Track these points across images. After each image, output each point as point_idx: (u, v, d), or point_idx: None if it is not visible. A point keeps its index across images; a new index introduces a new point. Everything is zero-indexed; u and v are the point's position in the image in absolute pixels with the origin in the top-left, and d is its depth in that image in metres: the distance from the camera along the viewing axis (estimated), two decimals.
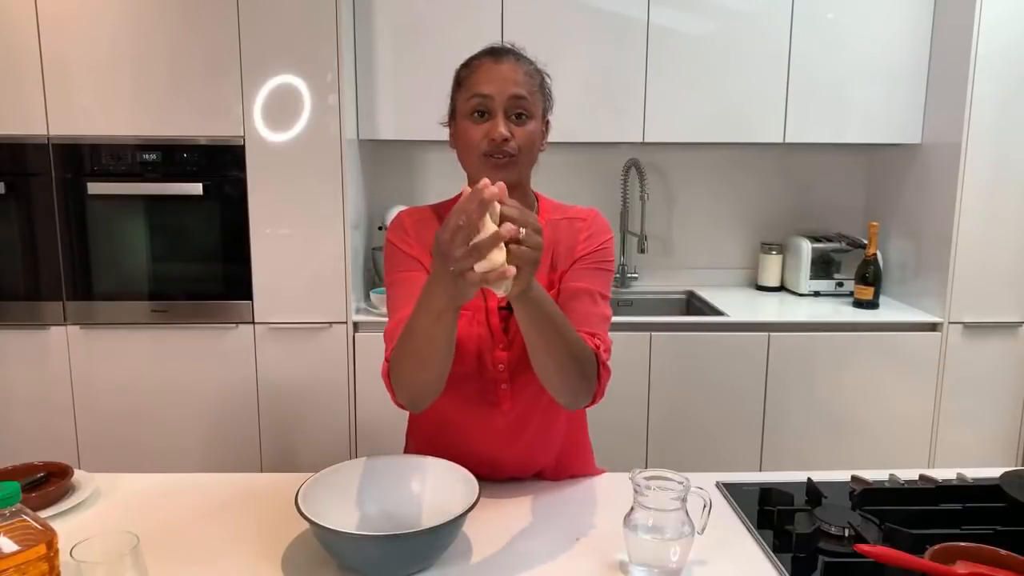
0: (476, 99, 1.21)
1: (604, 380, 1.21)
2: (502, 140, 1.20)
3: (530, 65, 1.26)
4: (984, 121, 2.50)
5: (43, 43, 2.36)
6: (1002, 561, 0.96)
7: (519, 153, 1.22)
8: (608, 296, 1.30)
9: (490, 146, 1.21)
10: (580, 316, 1.23)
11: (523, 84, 1.22)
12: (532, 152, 1.25)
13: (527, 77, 1.23)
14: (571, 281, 1.27)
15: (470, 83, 1.23)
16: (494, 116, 1.21)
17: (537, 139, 1.25)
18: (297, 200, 2.45)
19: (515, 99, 1.21)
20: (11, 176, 2.43)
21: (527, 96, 1.22)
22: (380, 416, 2.53)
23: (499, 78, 1.21)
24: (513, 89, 1.20)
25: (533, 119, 1.23)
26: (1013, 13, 2.45)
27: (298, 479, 1.14)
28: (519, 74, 1.22)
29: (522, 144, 1.22)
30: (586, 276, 1.28)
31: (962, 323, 2.60)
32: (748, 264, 3.15)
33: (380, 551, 1.02)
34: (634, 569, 1.05)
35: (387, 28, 2.61)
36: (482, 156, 1.22)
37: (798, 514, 1.19)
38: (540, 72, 1.28)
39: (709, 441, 2.63)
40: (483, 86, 1.21)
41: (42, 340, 2.50)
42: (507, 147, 1.21)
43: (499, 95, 1.20)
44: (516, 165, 1.23)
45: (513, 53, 1.26)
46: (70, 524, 1.18)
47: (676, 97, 2.70)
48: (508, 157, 1.21)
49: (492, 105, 1.21)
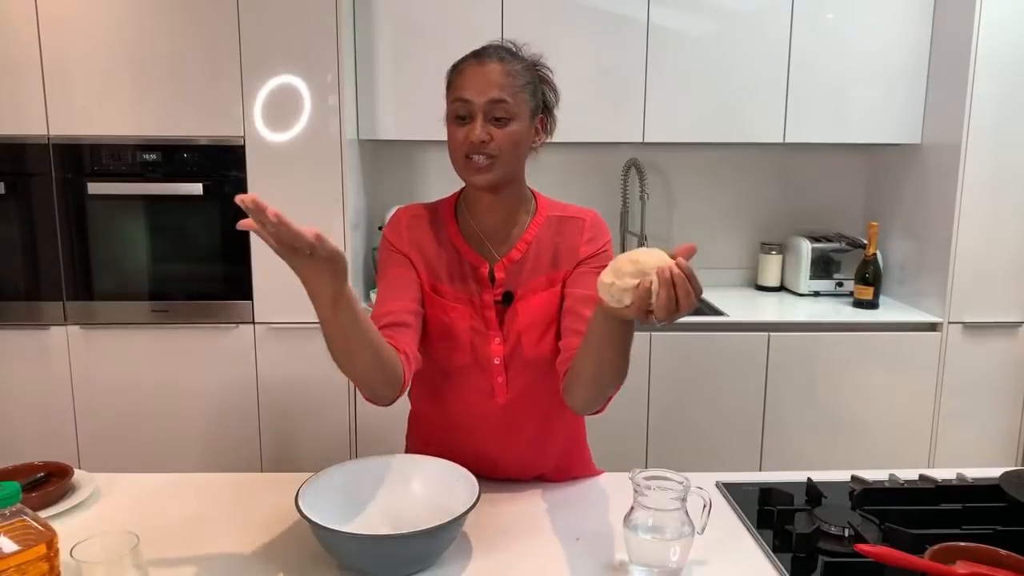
0: (457, 103, 1.23)
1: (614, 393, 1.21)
2: (480, 143, 1.21)
3: (517, 64, 1.25)
4: (984, 121, 2.50)
5: (43, 43, 2.36)
6: (1002, 561, 0.96)
7: (500, 154, 1.22)
8: None
9: (469, 148, 1.22)
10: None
11: (504, 86, 1.21)
12: (516, 151, 1.25)
13: (509, 78, 1.22)
14: (580, 287, 1.27)
15: (454, 86, 1.25)
16: (474, 119, 1.21)
17: (522, 138, 1.25)
18: (297, 200, 2.45)
19: (493, 103, 1.21)
20: (11, 176, 2.43)
21: (507, 99, 1.21)
22: (380, 416, 2.51)
23: (479, 82, 1.21)
24: (492, 93, 1.21)
25: (515, 120, 1.23)
26: (1013, 13, 2.45)
27: (298, 479, 1.14)
28: (500, 76, 1.21)
29: (503, 145, 1.22)
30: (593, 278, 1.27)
31: (962, 323, 2.60)
32: (748, 264, 3.15)
33: (380, 551, 1.02)
34: (634, 569, 1.05)
35: (387, 28, 2.61)
36: (463, 158, 1.23)
37: (798, 514, 1.19)
38: (530, 69, 1.27)
39: (709, 441, 2.63)
40: (463, 90, 1.22)
41: (42, 340, 2.50)
42: (486, 149, 1.21)
43: (477, 99, 1.21)
44: (497, 166, 1.23)
45: (499, 53, 1.25)
46: (70, 524, 1.18)
47: (676, 97, 2.70)
48: (489, 158, 1.22)
49: (472, 109, 1.21)
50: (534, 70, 1.28)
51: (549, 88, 1.31)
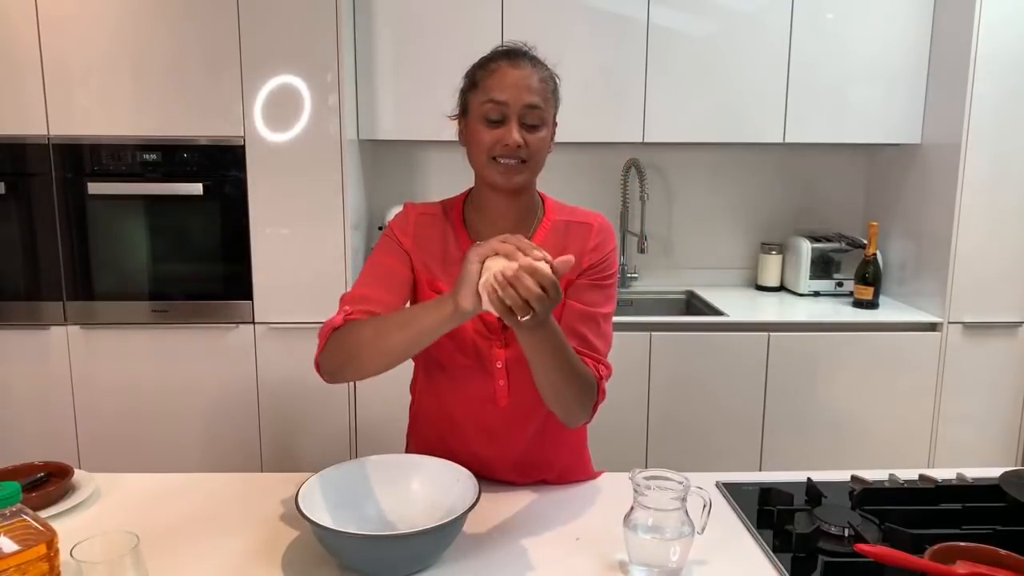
0: (490, 104, 1.21)
1: (599, 402, 1.24)
2: (516, 147, 1.20)
3: (545, 71, 1.25)
4: (984, 121, 2.50)
5: (43, 43, 2.36)
6: (1002, 561, 0.96)
7: (531, 159, 1.23)
8: (612, 307, 1.32)
9: (503, 151, 1.21)
10: (586, 341, 1.25)
11: (538, 92, 1.22)
12: (541, 157, 1.26)
13: (542, 84, 1.23)
14: (578, 298, 1.28)
15: (486, 86, 1.22)
16: (508, 123, 1.21)
17: (547, 144, 1.26)
18: (297, 200, 2.45)
19: (530, 108, 1.21)
20: (11, 176, 2.43)
21: (541, 105, 1.22)
22: (380, 416, 2.53)
23: (515, 84, 1.20)
24: (529, 98, 1.20)
25: (545, 126, 1.24)
26: (1013, 13, 2.45)
27: (298, 479, 1.14)
28: (535, 81, 1.22)
29: (533, 150, 1.23)
30: (593, 291, 1.29)
31: (962, 323, 2.60)
32: (748, 264, 3.15)
33: (380, 551, 1.02)
34: (634, 569, 1.05)
35: (387, 28, 2.61)
36: (490, 159, 1.22)
37: (798, 514, 1.19)
38: (554, 78, 1.27)
39: (709, 441, 2.63)
40: (498, 92, 1.20)
41: (42, 340, 2.50)
42: (519, 153, 1.21)
43: (514, 103, 1.20)
44: (526, 170, 1.24)
45: (529, 57, 1.25)
46: (70, 524, 1.18)
47: (676, 97, 2.70)
48: (519, 162, 1.22)
49: (507, 112, 1.20)
50: (554, 79, 1.28)
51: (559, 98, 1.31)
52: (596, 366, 1.24)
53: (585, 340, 1.25)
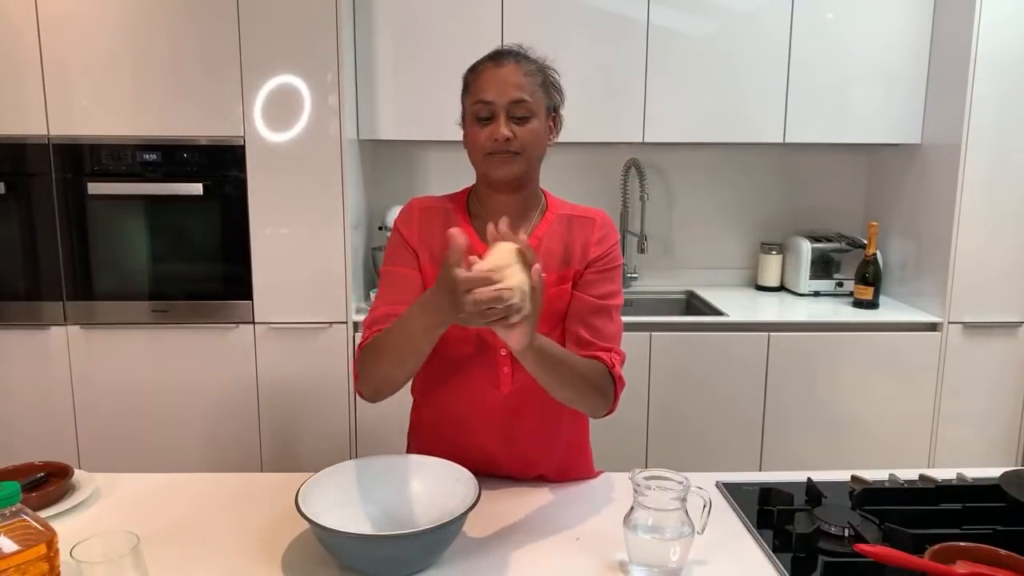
0: (479, 104, 1.27)
1: (619, 391, 1.29)
2: (504, 140, 1.25)
3: (532, 65, 1.30)
4: (984, 121, 2.50)
5: (43, 43, 2.36)
6: (1002, 561, 0.96)
7: (523, 150, 1.27)
8: (621, 299, 1.36)
9: (494, 146, 1.26)
10: (599, 332, 1.30)
11: (524, 86, 1.26)
12: (537, 148, 1.30)
13: (527, 78, 1.27)
14: (588, 290, 1.32)
15: (474, 88, 1.29)
16: (496, 119, 1.26)
17: (541, 135, 1.30)
18: (297, 200, 2.45)
19: (515, 103, 1.26)
20: (11, 176, 2.43)
21: (527, 98, 1.26)
22: (380, 416, 2.53)
23: (500, 83, 1.26)
24: (513, 94, 1.25)
25: (535, 117, 1.28)
26: (1013, 14, 2.45)
27: (298, 479, 1.14)
28: (519, 77, 1.26)
29: (525, 142, 1.27)
30: (602, 283, 1.33)
31: (962, 323, 2.60)
32: (748, 264, 3.15)
33: (380, 551, 1.02)
34: (634, 569, 1.05)
35: (387, 28, 2.61)
36: (486, 155, 1.28)
37: (798, 514, 1.19)
38: (543, 71, 1.31)
39: (709, 441, 2.63)
40: (485, 92, 1.26)
41: (42, 340, 2.50)
42: (510, 146, 1.26)
43: (499, 99, 1.25)
44: (520, 161, 1.28)
45: (515, 55, 1.30)
46: (70, 524, 1.18)
47: (676, 97, 2.70)
48: (511, 154, 1.27)
49: (494, 109, 1.26)
50: (546, 71, 1.32)
51: (556, 90, 1.34)
52: (610, 356, 1.28)
53: (597, 331, 1.30)
